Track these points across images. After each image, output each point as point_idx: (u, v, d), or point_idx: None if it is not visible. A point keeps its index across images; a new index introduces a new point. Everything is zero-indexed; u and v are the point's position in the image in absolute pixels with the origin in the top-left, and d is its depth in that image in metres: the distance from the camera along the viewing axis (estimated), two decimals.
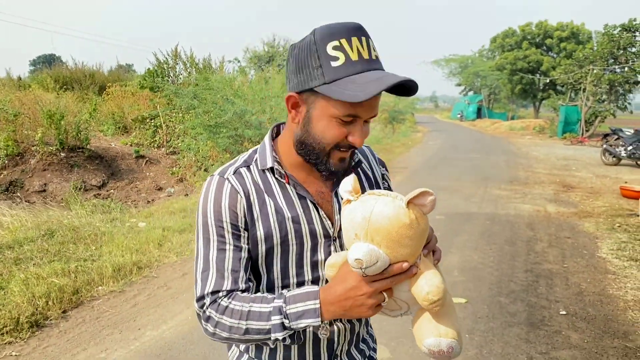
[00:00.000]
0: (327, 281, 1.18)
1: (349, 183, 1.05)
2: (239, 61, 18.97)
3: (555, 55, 39.74)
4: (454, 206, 8.25)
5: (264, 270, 1.18)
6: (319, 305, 1.05)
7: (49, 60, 41.83)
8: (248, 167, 1.19)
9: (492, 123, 37.46)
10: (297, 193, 1.18)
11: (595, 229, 6.95)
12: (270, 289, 1.19)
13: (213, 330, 1.11)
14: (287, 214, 1.16)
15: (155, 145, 13.07)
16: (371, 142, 18.33)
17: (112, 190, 10.51)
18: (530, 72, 39.34)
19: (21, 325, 3.60)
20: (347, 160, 1.16)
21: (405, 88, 1.07)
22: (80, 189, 9.61)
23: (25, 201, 9.65)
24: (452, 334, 1.05)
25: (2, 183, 9.99)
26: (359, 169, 1.31)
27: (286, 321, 1.06)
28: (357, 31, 1.04)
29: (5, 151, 10.10)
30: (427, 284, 1.01)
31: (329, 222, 1.19)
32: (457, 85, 53.19)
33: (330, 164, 1.13)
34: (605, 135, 15.69)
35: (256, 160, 1.21)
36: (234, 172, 1.18)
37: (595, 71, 24.07)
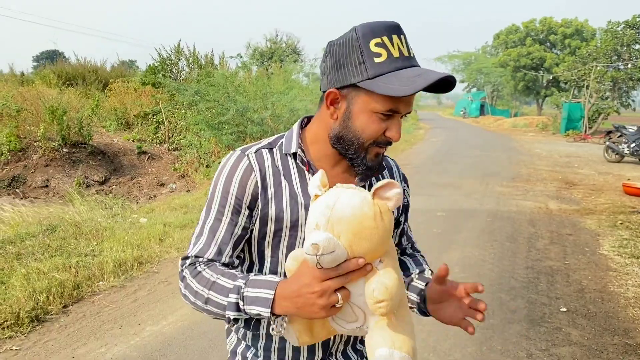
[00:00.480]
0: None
1: (317, 178, 1.04)
2: (241, 57, 18.92)
3: (559, 52, 39.62)
4: (455, 203, 8.24)
5: (269, 252, 1.20)
6: (272, 297, 1.02)
7: (52, 56, 41.89)
8: (271, 150, 1.21)
9: (495, 120, 37.41)
10: None
11: (597, 226, 6.94)
12: (274, 272, 1.20)
13: (184, 291, 1.13)
14: (301, 199, 1.17)
15: (158, 141, 13.08)
16: None
17: (114, 186, 10.53)
18: (533, 69, 39.24)
19: (22, 319, 3.61)
20: (382, 157, 1.18)
21: (444, 84, 1.10)
22: (82, 184, 9.63)
23: (28, 196, 9.68)
24: (407, 348, 0.99)
25: (5, 178, 10.01)
26: (380, 176, 1.32)
27: (241, 303, 1.05)
28: (397, 29, 1.07)
29: (7, 147, 10.12)
30: (376, 282, 0.96)
31: None
32: (461, 81, 53.07)
33: (367, 160, 1.15)
34: (608, 132, 15.64)
35: (281, 144, 1.22)
36: (255, 151, 1.20)
37: (598, 68, 23.99)
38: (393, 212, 1.01)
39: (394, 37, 1.06)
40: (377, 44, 1.05)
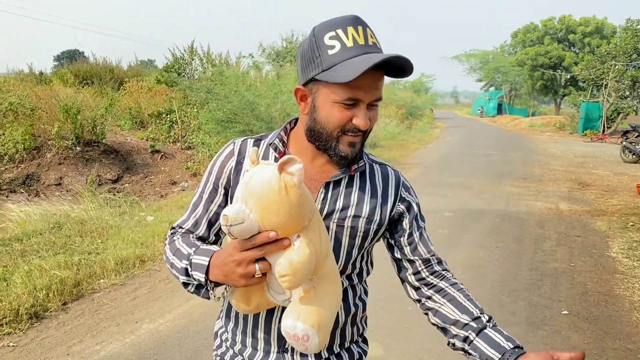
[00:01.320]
0: None
1: (248, 155, 1.12)
2: (252, 57, 18.95)
3: (577, 51, 39.03)
4: (464, 203, 8.16)
5: None
6: (207, 264, 1.10)
7: (72, 56, 42.34)
8: (257, 141, 1.30)
9: (513, 119, 37.04)
10: None
11: (607, 228, 6.82)
12: None
13: (165, 255, 1.27)
14: None
15: (171, 140, 13.18)
16: (386, 138, 18.27)
17: (126, 184, 10.63)
18: (551, 68, 38.71)
19: (21, 316, 3.66)
20: (358, 145, 1.20)
21: (402, 69, 1.12)
22: (95, 182, 9.74)
23: (41, 194, 9.82)
24: (312, 321, 1.02)
25: (20, 176, 10.18)
26: (357, 177, 1.29)
27: (189, 268, 1.14)
28: (353, 21, 1.11)
29: (22, 145, 10.28)
30: (283, 257, 1.00)
31: None
32: (478, 80, 52.66)
33: (339, 149, 1.18)
34: (625, 132, 15.37)
35: (269, 137, 1.32)
36: (242, 141, 1.31)
37: (617, 67, 23.58)
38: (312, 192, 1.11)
39: (349, 28, 1.09)
40: (330, 37, 1.10)
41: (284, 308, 1.11)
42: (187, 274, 1.15)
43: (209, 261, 1.10)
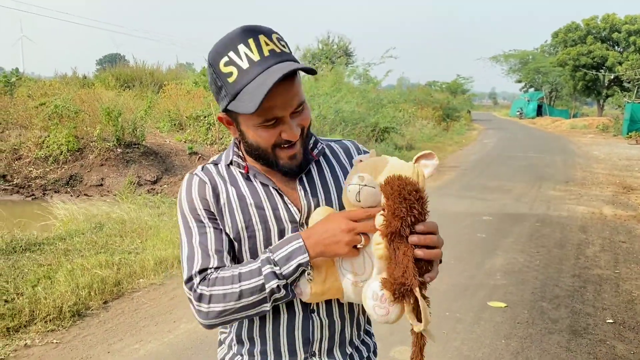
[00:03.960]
0: None
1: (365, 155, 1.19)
2: None
3: (622, 50, 37.84)
4: (503, 207, 7.99)
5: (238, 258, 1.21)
6: (302, 243, 1.08)
7: (113, 59, 43.45)
8: (216, 165, 1.25)
9: (553, 121, 36.17)
10: (260, 182, 1.21)
11: None
12: None
13: (207, 308, 1.09)
14: (250, 200, 1.19)
15: (209, 142, 13.35)
16: (422, 140, 18.07)
17: (165, 185, 10.83)
18: (594, 68, 37.63)
19: (64, 314, 3.76)
20: (299, 155, 1.17)
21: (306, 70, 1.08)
22: (134, 183, 9.95)
23: (84, 195, 10.09)
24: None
25: (63, 177, 10.49)
26: (323, 161, 1.30)
27: (277, 268, 1.07)
28: (241, 37, 1.05)
29: (66, 147, 10.60)
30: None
31: (294, 208, 1.20)
32: (517, 81, 51.67)
33: (281, 165, 1.16)
34: None
35: (223, 159, 1.26)
36: (202, 169, 1.24)
37: None
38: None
39: (240, 46, 1.04)
40: (225, 64, 1.05)
41: (304, 316, 1.19)
42: (276, 277, 1.07)
43: (302, 239, 1.09)
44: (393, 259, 1.02)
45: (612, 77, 34.74)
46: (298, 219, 1.20)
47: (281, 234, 1.19)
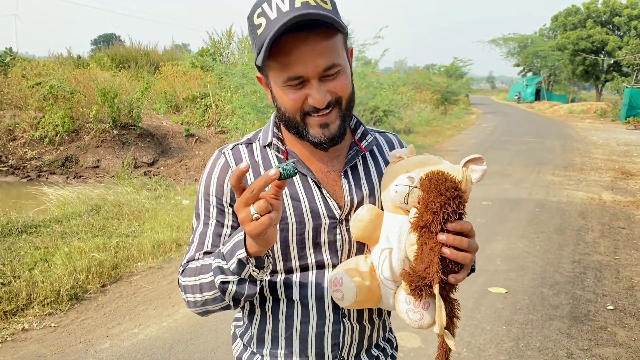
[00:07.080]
0: (333, 266, 1.12)
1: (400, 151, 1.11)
2: None
3: (622, 35, 37.60)
4: (502, 192, 7.97)
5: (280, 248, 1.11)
6: (243, 235, 0.92)
7: (108, 40, 42.93)
8: (249, 145, 1.16)
9: (551, 105, 36.06)
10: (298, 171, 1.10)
11: None
12: (273, 272, 1.13)
13: (186, 297, 1.07)
14: (285, 189, 1.08)
15: (205, 124, 13.25)
16: (420, 124, 18.00)
17: (162, 168, 10.76)
18: (593, 53, 37.39)
19: (62, 297, 3.73)
20: (334, 125, 1.04)
21: (323, 22, 0.96)
22: (131, 165, 9.87)
23: (79, 176, 10.02)
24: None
25: (59, 158, 10.41)
26: (368, 154, 1.20)
27: (223, 262, 0.96)
28: None
29: (62, 128, 10.49)
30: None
31: (334, 202, 1.11)
32: (516, 65, 51.30)
33: (310, 135, 1.05)
34: None
35: (260, 138, 1.17)
36: (232, 148, 1.15)
37: None
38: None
39: None
40: (258, 15, 0.98)
41: (335, 319, 1.13)
42: (222, 271, 0.96)
43: (244, 233, 0.93)
44: (419, 254, 0.96)
45: (611, 61, 34.57)
46: (338, 215, 1.11)
47: (316, 230, 1.10)
